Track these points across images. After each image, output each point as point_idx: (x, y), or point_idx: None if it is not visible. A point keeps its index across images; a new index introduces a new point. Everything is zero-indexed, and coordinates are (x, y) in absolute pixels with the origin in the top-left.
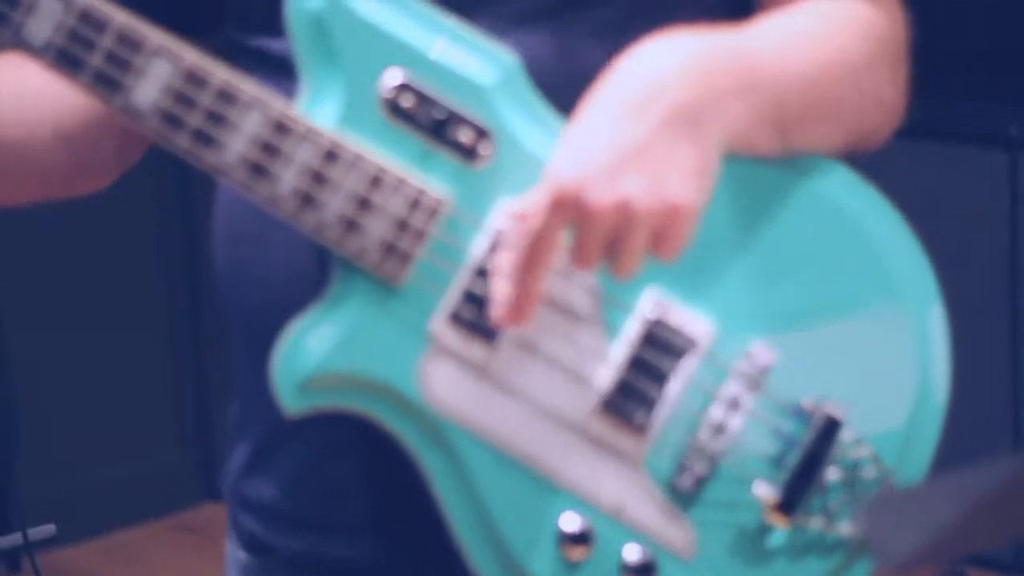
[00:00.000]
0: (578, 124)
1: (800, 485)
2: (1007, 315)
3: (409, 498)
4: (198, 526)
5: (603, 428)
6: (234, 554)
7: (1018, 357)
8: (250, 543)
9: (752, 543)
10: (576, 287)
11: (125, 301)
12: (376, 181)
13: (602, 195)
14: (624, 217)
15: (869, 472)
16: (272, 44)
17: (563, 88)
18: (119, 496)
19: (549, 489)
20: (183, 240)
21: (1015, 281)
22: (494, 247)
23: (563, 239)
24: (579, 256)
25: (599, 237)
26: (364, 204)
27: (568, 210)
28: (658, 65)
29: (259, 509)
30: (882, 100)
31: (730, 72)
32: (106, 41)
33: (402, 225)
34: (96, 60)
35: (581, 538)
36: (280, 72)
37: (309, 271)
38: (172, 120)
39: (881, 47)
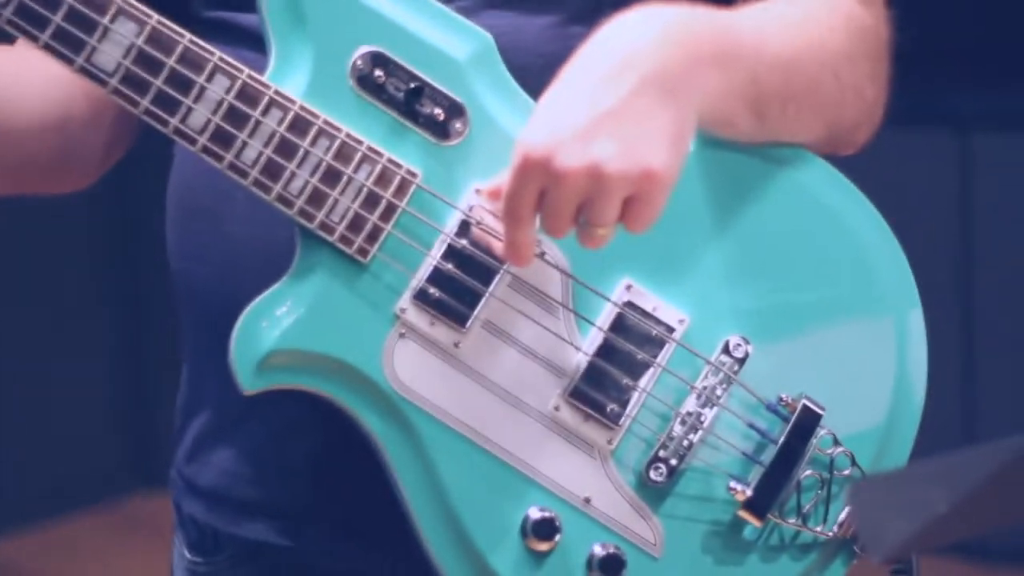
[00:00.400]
0: (552, 93)
1: (774, 482)
2: (957, 301)
3: (369, 485)
4: (136, 517)
5: (572, 417)
6: (180, 552)
7: (969, 343)
8: (198, 542)
9: (723, 540)
10: (549, 274)
11: (59, 288)
12: (345, 151)
13: (572, 158)
14: (595, 180)
15: (845, 472)
16: (239, 18)
17: (538, 71)
18: (55, 487)
19: (515, 479)
20: (119, 224)
21: (969, 267)
22: (464, 224)
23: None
24: (549, 221)
25: (569, 200)
26: (332, 174)
27: (538, 174)
28: (634, 35)
29: (207, 494)
30: (862, 93)
31: (707, 42)
32: None
33: (371, 198)
34: (59, 17)
35: (547, 530)
36: (247, 45)
37: (269, 247)
38: (136, 83)
39: (862, 40)
